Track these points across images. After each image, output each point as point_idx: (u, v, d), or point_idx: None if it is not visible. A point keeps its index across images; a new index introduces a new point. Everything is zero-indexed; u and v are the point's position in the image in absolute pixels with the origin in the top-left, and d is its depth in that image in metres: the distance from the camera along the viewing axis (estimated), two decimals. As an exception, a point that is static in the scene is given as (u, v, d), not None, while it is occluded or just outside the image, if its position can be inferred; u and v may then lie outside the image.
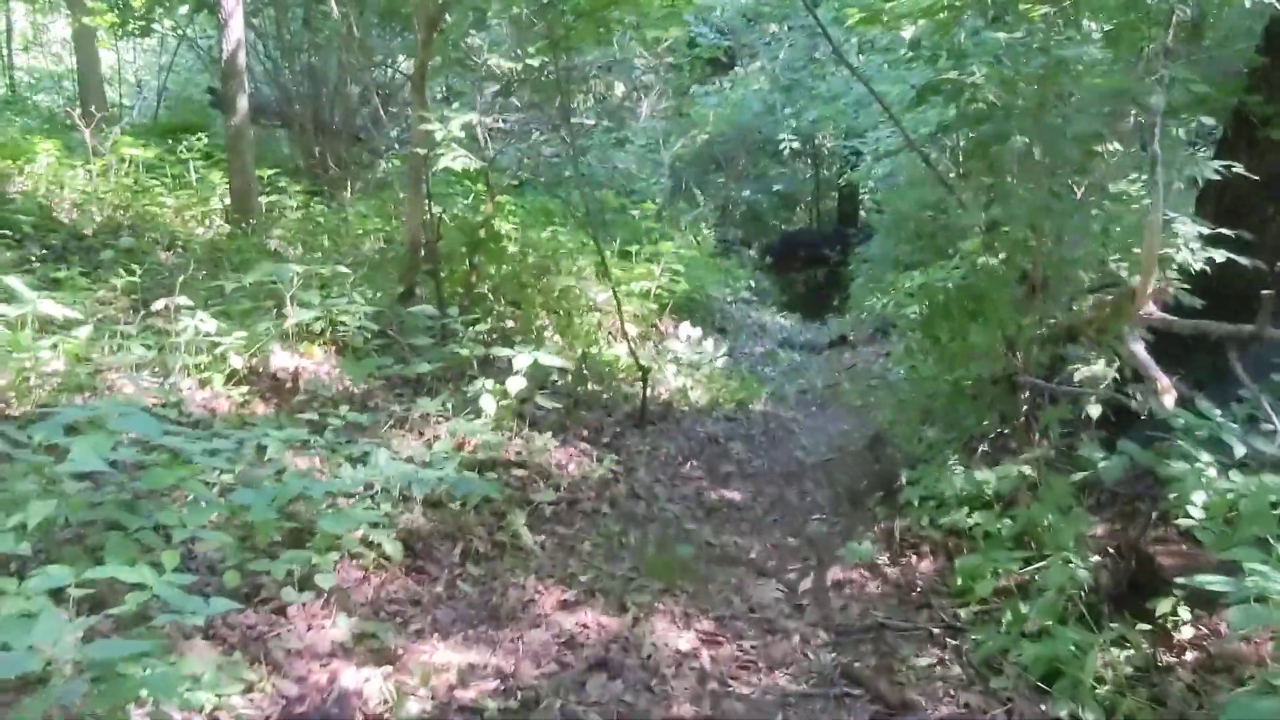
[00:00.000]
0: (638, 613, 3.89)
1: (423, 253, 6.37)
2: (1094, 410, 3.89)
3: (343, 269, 5.40)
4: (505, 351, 5.06)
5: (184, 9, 9.17)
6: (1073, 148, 4.05)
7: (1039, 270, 4.26)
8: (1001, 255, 4.54)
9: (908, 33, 6.55)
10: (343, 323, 5.45)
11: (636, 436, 5.87)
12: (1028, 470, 4.10)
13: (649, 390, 6.31)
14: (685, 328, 7.54)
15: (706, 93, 15.24)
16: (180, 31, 10.96)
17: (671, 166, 14.10)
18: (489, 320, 6.56)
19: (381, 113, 7.78)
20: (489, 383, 4.97)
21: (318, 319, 5.20)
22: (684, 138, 14.58)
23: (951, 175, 5.84)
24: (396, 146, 7.64)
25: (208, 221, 8.05)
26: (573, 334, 7.23)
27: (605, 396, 6.32)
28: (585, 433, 5.69)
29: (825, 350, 9.87)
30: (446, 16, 6.40)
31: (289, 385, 5.14)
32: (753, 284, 13.27)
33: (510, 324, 7.03)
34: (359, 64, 8.03)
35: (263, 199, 8.41)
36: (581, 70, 6.99)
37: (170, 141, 8.91)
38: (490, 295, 6.97)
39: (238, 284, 5.10)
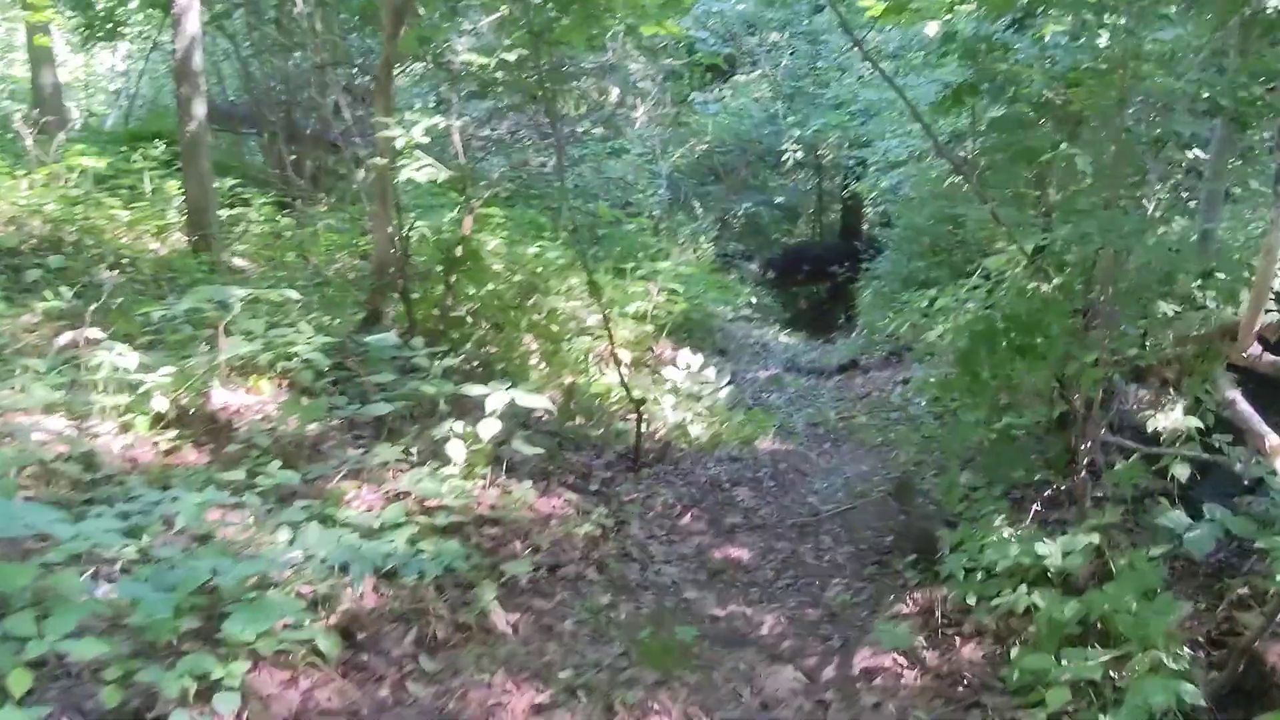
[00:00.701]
0: (628, 716, 3.21)
1: (392, 271, 5.70)
2: (1181, 471, 3.22)
3: (292, 293, 4.70)
4: (478, 389, 4.37)
5: (134, 3, 8.48)
6: (1149, 155, 3.38)
7: (1107, 296, 3.58)
8: (1056, 280, 3.86)
9: (932, 28, 5.89)
10: (295, 354, 4.77)
11: (629, 482, 5.18)
12: (1095, 539, 3.42)
13: (644, 426, 5.62)
14: (685, 354, 6.83)
15: (706, 101, 14.62)
16: (147, 36, 10.32)
17: (669, 177, 13.44)
18: (467, 347, 5.87)
19: (349, 119, 7.10)
20: (458, 425, 4.29)
21: (261, 352, 4.51)
22: (682, 147, 13.94)
23: (971, 186, 5.17)
24: (362, 154, 6.98)
25: (163, 236, 7.37)
26: (559, 362, 6.53)
27: (595, 435, 5.64)
28: (571, 479, 5.01)
29: (835, 375, 9.16)
30: (420, 10, 5.75)
31: (227, 429, 4.45)
32: (754, 300, 12.59)
33: (492, 349, 6.33)
34: (325, 62, 7.36)
35: (226, 212, 7.74)
36: (568, 69, 6.30)
37: (126, 149, 8.23)
38: (469, 319, 6.27)
39: (166, 310, 4.41)
